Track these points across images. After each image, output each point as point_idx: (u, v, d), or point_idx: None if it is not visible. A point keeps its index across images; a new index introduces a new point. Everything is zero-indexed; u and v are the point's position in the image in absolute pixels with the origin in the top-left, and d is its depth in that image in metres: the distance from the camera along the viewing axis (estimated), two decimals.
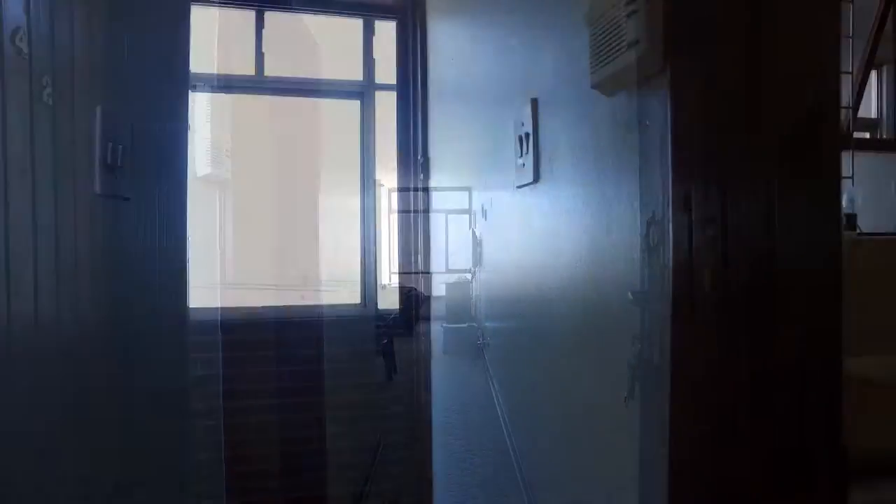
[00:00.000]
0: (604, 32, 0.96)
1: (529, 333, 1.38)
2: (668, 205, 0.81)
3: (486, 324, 1.71)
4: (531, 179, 1.18)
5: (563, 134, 1.09)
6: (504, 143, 1.29)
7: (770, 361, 0.81)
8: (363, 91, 2.85)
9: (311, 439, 2.46)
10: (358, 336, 2.55)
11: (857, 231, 2.16)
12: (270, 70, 2.76)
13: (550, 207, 1.14)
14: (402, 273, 2.33)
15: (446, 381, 2.22)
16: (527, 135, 1.18)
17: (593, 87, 1.02)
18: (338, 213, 2.93)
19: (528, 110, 1.17)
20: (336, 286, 3.17)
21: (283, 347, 2.51)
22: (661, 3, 0.84)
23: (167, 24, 1.51)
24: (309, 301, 3.05)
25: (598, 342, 1.03)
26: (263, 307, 2.71)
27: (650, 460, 0.83)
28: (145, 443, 1.26)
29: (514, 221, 1.37)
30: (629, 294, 0.87)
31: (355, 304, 2.84)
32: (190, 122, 1.66)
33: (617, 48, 0.91)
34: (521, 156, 1.20)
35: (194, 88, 2.58)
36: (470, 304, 1.90)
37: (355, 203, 2.78)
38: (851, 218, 2.14)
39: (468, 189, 1.66)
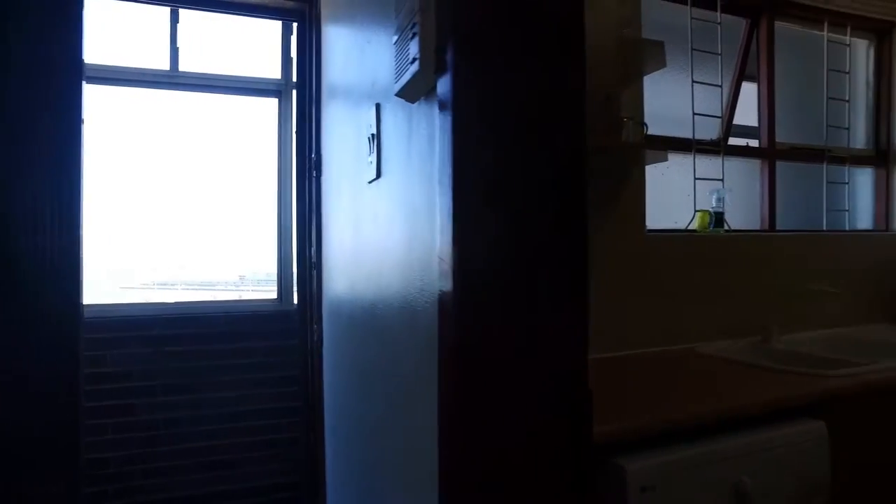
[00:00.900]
0: (400, 48, 1.08)
1: (360, 326, 1.43)
2: (448, 216, 0.86)
3: (326, 316, 1.79)
4: (375, 175, 1.30)
5: (393, 134, 1.21)
6: (362, 142, 1.40)
7: (529, 353, 0.89)
8: (281, 89, 2.95)
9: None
10: (275, 332, 2.62)
11: (726, 228, 2.37)
12: (185, 66, 2.82)
13: (386, 203, 1.24)
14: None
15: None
16: (373, 136, 1.30)
17: (396, 95, 1.14)
18: (257, 209, 3.00)
19: (373, 113, 1.29)
20: (260, 284, 3.23)
21: (195, 343, 2.57)
22: (434, 26, 0.94)
23: (57, 14, 1.55)
24: (231, 298, 3.12)
25: (406, 337, 1.10)
26: (176, 302, 2.76)
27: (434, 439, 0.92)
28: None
29: (364, 215, 1.45)
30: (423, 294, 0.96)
31: (272, 300, 2.92)
32: (86, 115, 1.70)
33: (407, 63, 1.03)
34: (370, 154, 1.32)
35: (96, 81, 2.61)
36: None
37: (272, 199, 2.87)
38: (720, 216, 2.36)
39: (340, 185, 1.76)
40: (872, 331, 2.50)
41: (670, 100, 2.40)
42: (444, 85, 0.91)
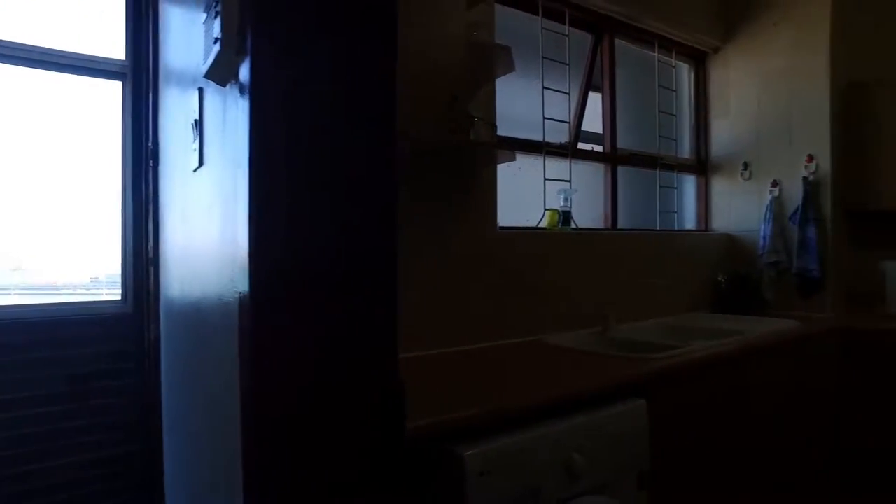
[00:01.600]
0: (207, 27, 1.01)
1: (190, 324, 1.35)
2: (245, 207, 0.82)
3: (163, 316, 1.69)
4: (198, 164, 1.22)
5: (213, 120, 1.14)
6: (189, 128, 1.32)
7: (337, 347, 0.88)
8: (126, 72, 2.68)
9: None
10: (115, 336, 2.37)
11: (573, 226, 2.55)
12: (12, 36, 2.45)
13: (208, 193, 1.17)
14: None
15: None
16: (196, 121, 1.23)
17: (205, 76, 1.07)
18: (103, 204, 2.70)
19: (196, 97, 1.22)
20: (115, 286, 2.91)
21: (13, 354, 2.24)
22: (237, 6, 0.88)
23: None
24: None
25: (223, 333, 1.04)
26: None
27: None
28: None
29: (190, 206, 1.36)
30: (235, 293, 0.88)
31: (115, 301, 2.65)
32: None
33: (211, 43, 0.97)
34: (194, 140, 1.24)
35: None
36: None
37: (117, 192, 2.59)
38: (567, 214, 2.52)
39: (173, 174, 1.64)
40: (694, 318, 2.82)
41: (526, 104, 2.53)
42: (244, 68, 0.85)
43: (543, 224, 2.49)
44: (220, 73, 0.98)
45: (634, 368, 1.69)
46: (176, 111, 1.50)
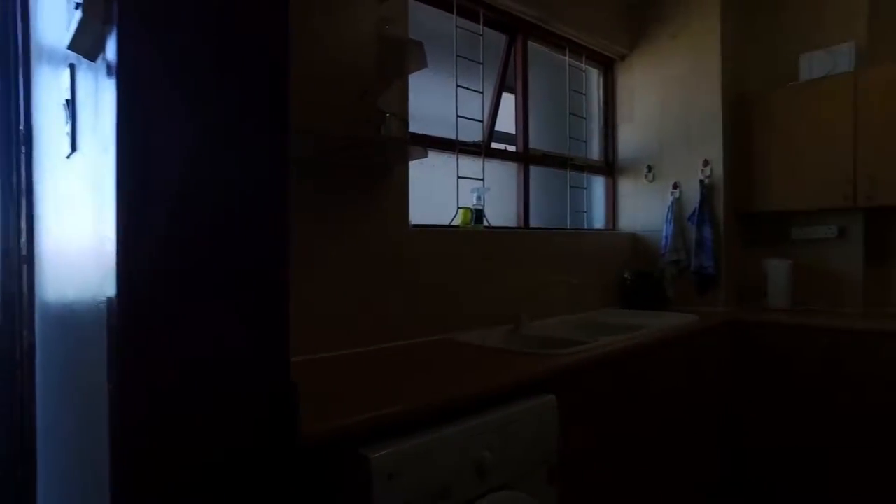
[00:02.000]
0: None
1: (69, 328, 1.23)
2: (112, 200, 0.74)
3: (38, 320, 1.54)
4: (70, 150, 1.10)
5: (86, 100, 1.03)
6: (61, 109, 1.18)
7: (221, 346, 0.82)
8: None
9: None
10: None
11: (486, 224, 2.56)
12: None
13: (80, 182, 1.06)
14: None
15: None
16: (67, 101, 1.10)
17: (68, 48, 0.97)
18: None
19: (68, 74, 1.09)
20: None
21: None
22: None
23: None
24: None
25: (97, 338, 0.95)
26: None
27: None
28: None
29: (63, 197, 1.23)
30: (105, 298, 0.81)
31: None
32: None
33: (72, 7, 0.86)
34: (66, 123, 1.12)
35: None
36: None
37: None
38: (480, 213, 2.53)
39: (47, 162, 1.48)
40: (603, 314, 2.92)
41: (441, 102, 2.51)
42: (111, 40, 0.76)
43: (456, 222, 2.49)
44: (85, 44, 0.87)
45: (543, 365, 1.72)
46: (50, 91, 1.35)
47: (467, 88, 2.59)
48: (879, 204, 2.74)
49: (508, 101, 2.92)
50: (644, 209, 3.39)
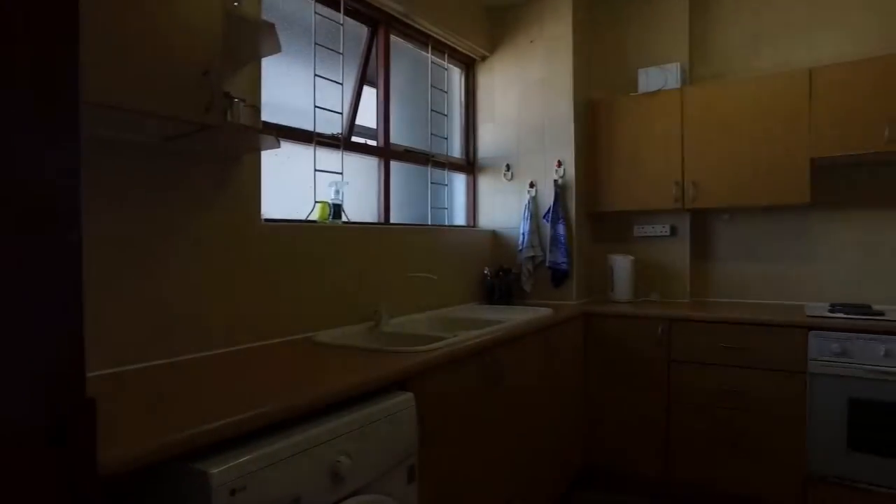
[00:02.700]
0: None
1: None
2: None
3: None
4: None
5: None
6: None
7: None
8: None
9: None
10: None
11: (345, 219, 2.48)
12: None
13: None
14: None
15: None
16: None
17: None
18: None
19: None
20: None
21: None
22: None
23: None
24: None
25: None
26: None
27: None
28: None
29: None
30: None
31: None
32: None
33: None
34: None
35: None
36: None
37: None
38: (339, 207, 2.44)
39: None
40: (463, 310, 2.97)
41: (299, 92, 2.39)
42: None
43: (314, 217, 2.38)
44: None
45: (401, 362, 1.69)
46: None
47: (326, 79, 2.49)
48: (701, 206, 3.08)
49: (370, 95, 2.86)
50: (503, 207, 3.51)
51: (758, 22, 3.26)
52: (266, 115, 2.12)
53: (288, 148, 2.30)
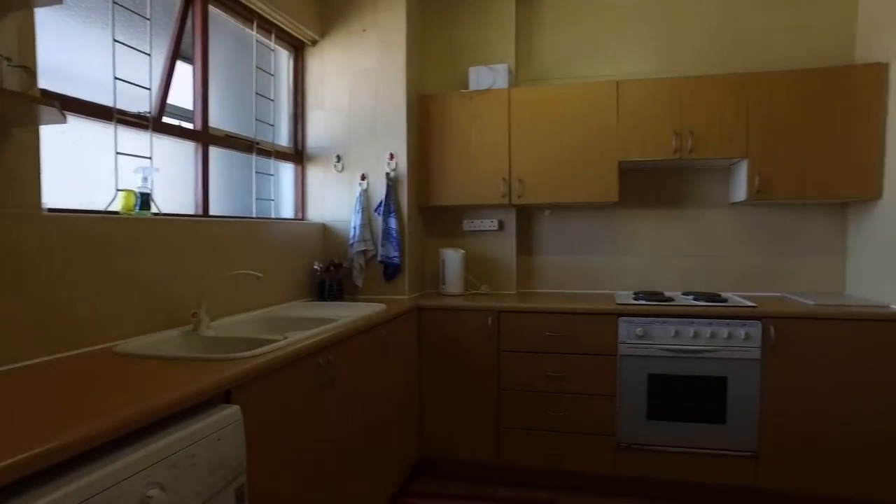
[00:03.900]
0: None
1: None
2: None
3: None
4: None
5: None
6: None
7: None
8: None
9: None
10: None
11: (154, 211, 2.17)
12: None
13: None
14: None
15: None
16: None
17: None
18: None
19: None
20: None
21: None
22: None
23: None
24: None
25: None
26: None
27: None
28: None
29: None
30: None
31: None
32: None
33: None
34: None
35: None
36: None
37: None
38: (147, 197, 2.13)
39: None
40: (292, 308, 2.79)
41: (97, 61, 2.02)
42: None
43: (116, 207, 2.05)
44: None
45: (224, 371, 1.50)
46: None
47: (130, 47, 2.14)
48: (526, 202, 3.26)
49: (187, 72, 2.55)
50: (334, 199, 3.38)
51: (573, 35, 3.53)
52: (46, 83, 1.76)
53: (80, 125, 1.94)
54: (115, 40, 2.08)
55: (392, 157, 3.28)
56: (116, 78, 2.07)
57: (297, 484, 1.84)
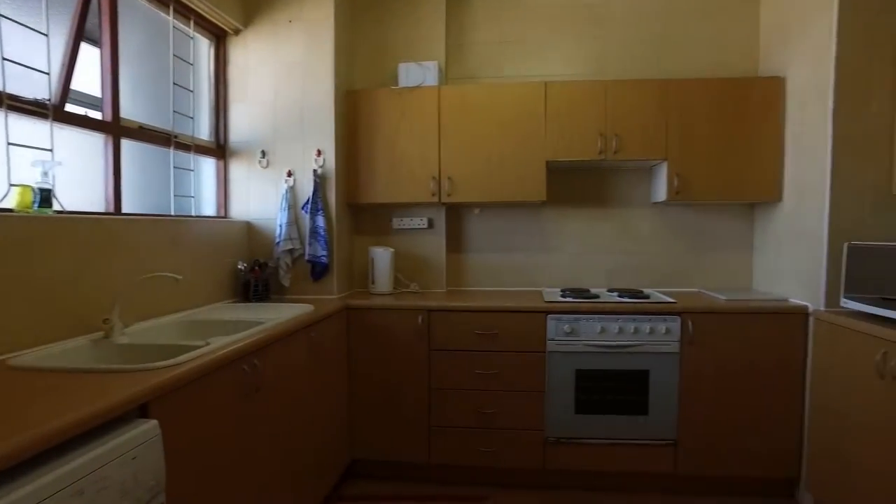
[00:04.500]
0: None
1: None
2: None
3: None
4: None
5: None
6: None
7: None
8: None
9: None
10: None
11: (56, 208, 1.99)
12: None
13: None
14: None
15: None
16: None
17: None
18: None
19: None
20: None
21: None
22: None
23: None
24: None
25: None
26: None
27: None
28: None
29: None
30: None
31: None
32: None
33: None
34: None
35: None
36: None
37: None
38: (48, 193, 1.95)
39: None
40: (216, 310, 2.65)
41: None
42: None
43: (9, 205, 1.86)
44: None
45: (139, 383, 1.40)
46: None
47: (20, 24, 1.95)
48: (456, 201, 3.26)
49: (94, 56, 2.35)
50: (259, 196, 3.25)
51: (503, 34, 3.56)
52: None
53: None
54: (2, 15, 1.87)
55: (320, 153, 3.19)
56: (4, 59, 1.87)
57: (223, 498, 1.75)
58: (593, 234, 3.53)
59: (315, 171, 3.17)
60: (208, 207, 3.19)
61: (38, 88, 2.01)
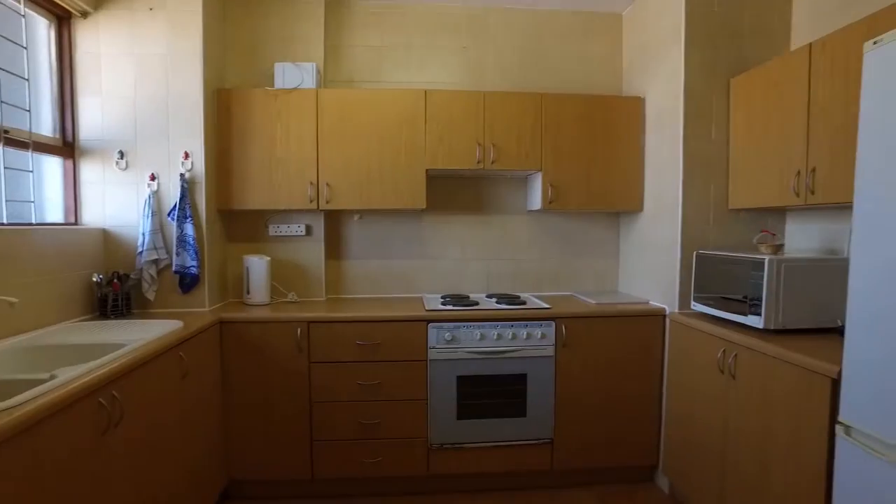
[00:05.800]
0: None
1: None
2: None
3: None
4: None
5: None
6: None
7: None
8: None
9: None
10: None
11: None
12: None
13: None
14: None
15: None
16: None
17: None
18: None
19: None
20: None
21: None
22: None
23: None
24: None
25: None
26: None
27: None
28: None
29: None
30: None
31: None
32: None
33: None
34: None
35: None
36: None
37: None
38: None
39: None
40: (65, 331, 2.35)
41: None
42: None
43: None
44: None
45: None
46: None
47: None
48: (334, 208, 3.18)
49: None
50: (116, 201, 2.94)
51: (383, 40, 3.52)
52: None
53: None
54: None
55: (187, 155, 2.95)
56: None
57: None
58: (473, 241, 3.62)
59: (182, 174, 2.93)
60: (55, 213, 2.83)
61: None
